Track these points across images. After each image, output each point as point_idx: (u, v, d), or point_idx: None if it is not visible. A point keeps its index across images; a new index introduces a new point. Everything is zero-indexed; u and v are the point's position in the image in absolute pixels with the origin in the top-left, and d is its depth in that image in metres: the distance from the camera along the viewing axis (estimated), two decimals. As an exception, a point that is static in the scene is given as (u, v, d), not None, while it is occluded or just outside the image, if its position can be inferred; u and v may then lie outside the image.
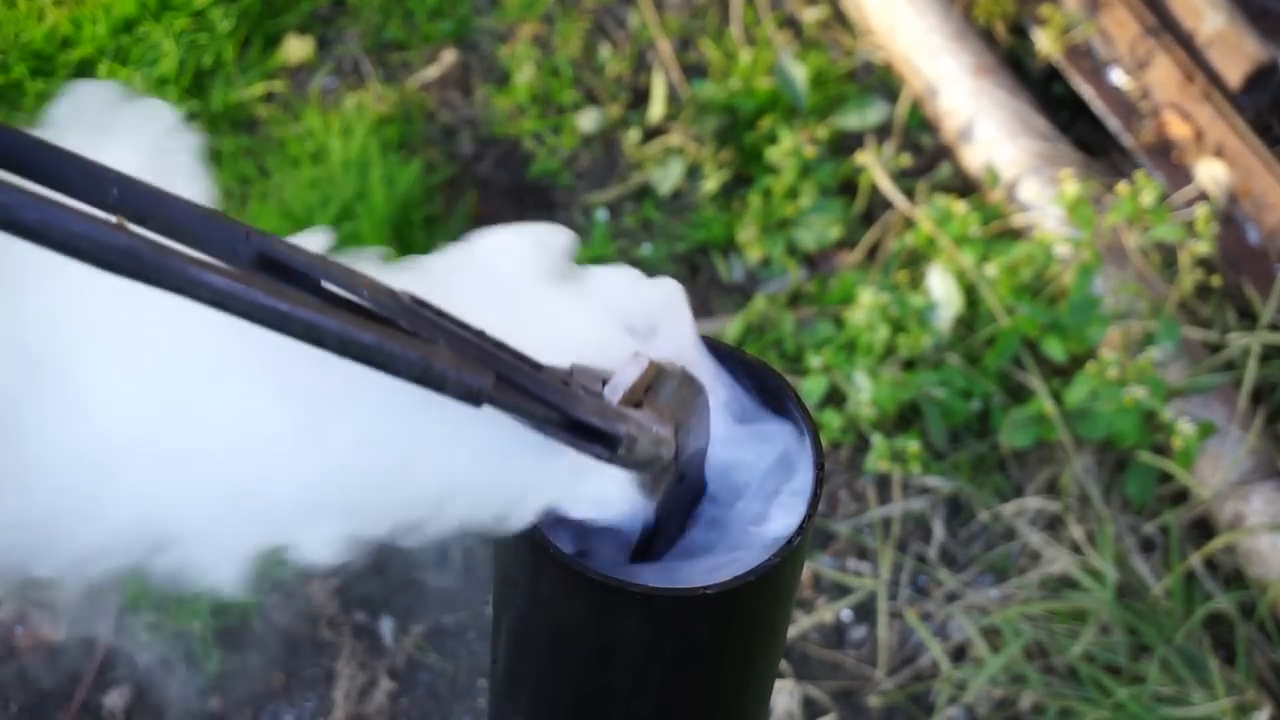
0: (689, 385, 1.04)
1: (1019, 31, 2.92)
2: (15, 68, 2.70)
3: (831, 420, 2.40)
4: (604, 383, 0.97)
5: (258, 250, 0.83)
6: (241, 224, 0.84)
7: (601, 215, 2.72)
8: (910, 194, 2.68)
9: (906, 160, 2.68)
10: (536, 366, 0.91)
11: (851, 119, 2.78)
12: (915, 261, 2.58)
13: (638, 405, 0.97)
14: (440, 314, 0.88)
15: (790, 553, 1.05)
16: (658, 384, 1.00)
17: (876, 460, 2.32)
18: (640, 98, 2.87)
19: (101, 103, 0.93)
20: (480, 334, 0.89)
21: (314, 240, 0.89)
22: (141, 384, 0.85)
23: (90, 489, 0.85)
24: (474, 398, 0.86)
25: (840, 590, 2.32)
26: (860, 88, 2.87)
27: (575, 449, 0.93)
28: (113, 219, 0.77)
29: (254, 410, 0.87)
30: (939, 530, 2.35)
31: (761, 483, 1.09)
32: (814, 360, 2.43)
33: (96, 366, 0.85)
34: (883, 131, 2.81)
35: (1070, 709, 2.11)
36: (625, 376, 0.98)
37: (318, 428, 0.88)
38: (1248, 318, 2.53)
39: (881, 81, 2.91)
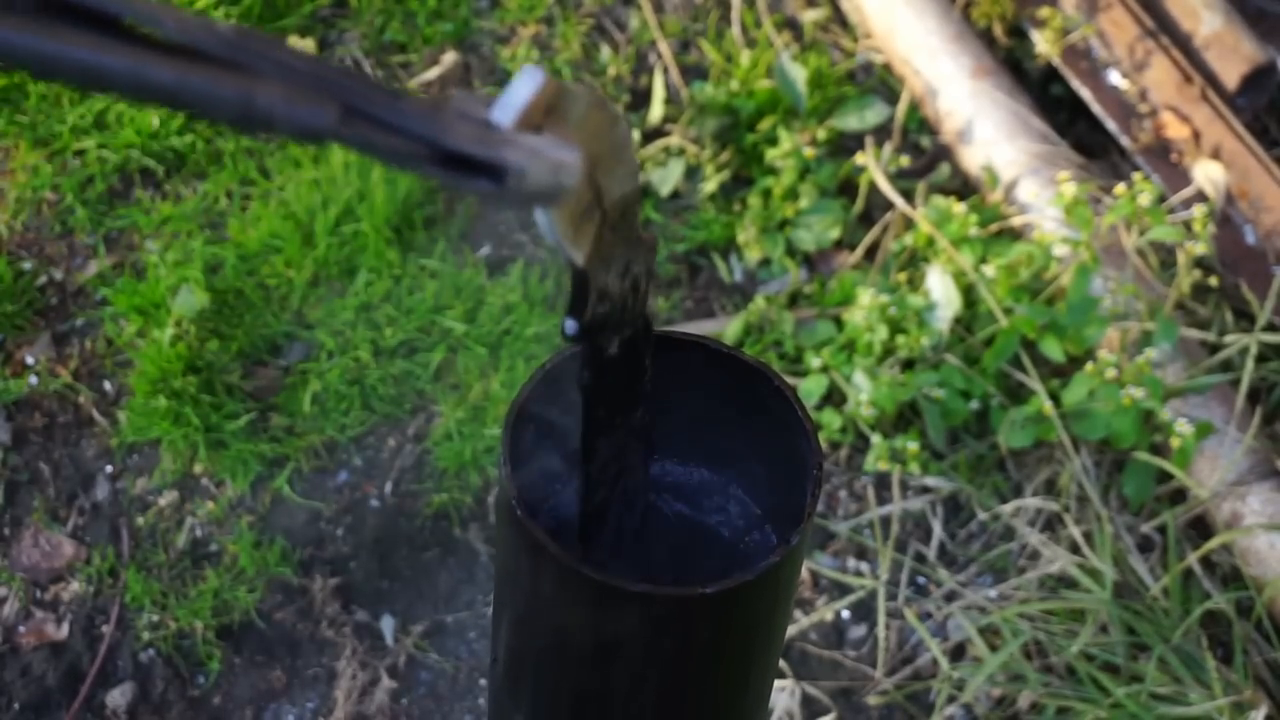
0: (601, 110, 0.85)
1: (1018, 33, 2.93)
2: (17, 69, 2.71)
3: (831, 420, 2.41)
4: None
5: None
6: None
7: (601, 216, 2.72)
8: (909, 195, 2.68)
9: (906, 161, 2.68)
10: (396, 95, 0.76)
11: (851, 120, 2.79)
12: (914, 262, 2.58)
13: (536, 130, 0.80)
14: (272, 43, 0.74)
15: (789, 553, 1.06)
16: (561, 106, 0.82)
17: (876, 460, 2.32)
18: (640, 99, 2.88)
19: None
20: (319, 62, 0.74)
21: None
22: None
23: None
24: (314, 135, 0.73)
25: (839, 590, 2.32)
26: (860, 89, 2.88)
27: (454, 185, 0.77)
28: None
29: None
30: (938, 530, 2.36)
31: None
32: (813, 361, 2.44)
33: None
34: (882, 132, 2.82)
35: (1068, 708, 2.12)
36: (516, 94, 0.79)
37: None
38: (1245, 318, 2.53)
39: (881, 83, 2.91)
